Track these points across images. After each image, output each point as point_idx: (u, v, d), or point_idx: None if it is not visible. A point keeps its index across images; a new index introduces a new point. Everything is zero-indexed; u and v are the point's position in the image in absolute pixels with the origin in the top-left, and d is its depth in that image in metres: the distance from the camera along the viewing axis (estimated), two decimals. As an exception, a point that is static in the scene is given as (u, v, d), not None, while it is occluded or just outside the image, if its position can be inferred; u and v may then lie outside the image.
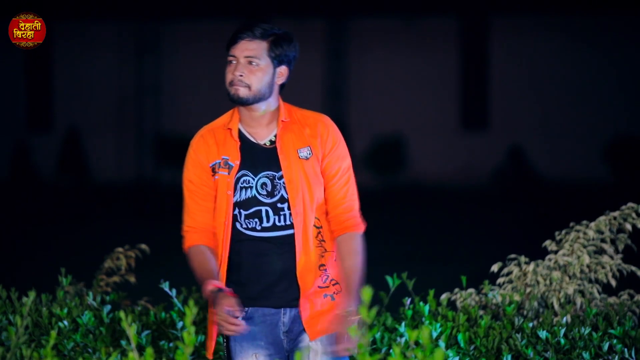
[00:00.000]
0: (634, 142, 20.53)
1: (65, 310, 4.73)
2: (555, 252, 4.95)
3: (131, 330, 3.00)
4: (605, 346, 4.49)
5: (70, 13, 21.25)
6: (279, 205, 3.63)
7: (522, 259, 4.96)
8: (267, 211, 3.63)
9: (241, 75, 3.63)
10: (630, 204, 4.94)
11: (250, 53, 3.63)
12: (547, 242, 4.99)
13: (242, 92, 3.64)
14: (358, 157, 20.44)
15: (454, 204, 17.84)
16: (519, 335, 4.50)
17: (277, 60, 3.63)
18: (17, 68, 21.84)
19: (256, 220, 3.63)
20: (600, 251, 4.95)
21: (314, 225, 3.65)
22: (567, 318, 4.63)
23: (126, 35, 21.55)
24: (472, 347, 4.54)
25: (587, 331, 4.51)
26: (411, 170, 20.15)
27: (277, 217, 3.63)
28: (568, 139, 20.96)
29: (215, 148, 3.70)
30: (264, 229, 3.63)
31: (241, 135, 3.69)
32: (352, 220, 3.68)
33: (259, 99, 3.65)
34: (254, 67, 3.63)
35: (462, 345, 4.53)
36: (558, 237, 4.97)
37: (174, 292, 4.80)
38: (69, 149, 21.38)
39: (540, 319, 4.65)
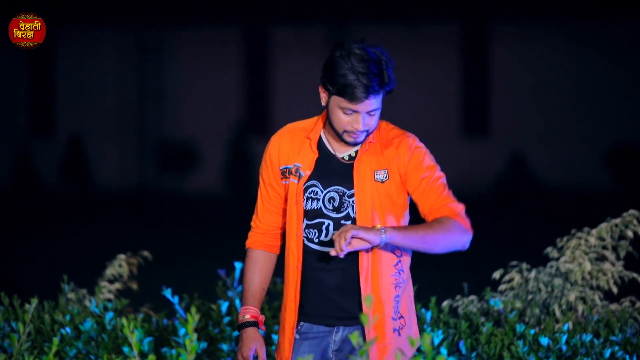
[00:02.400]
0: (636, 149, 20.53)
1: (68, 317, 4.73)
2: (557, 259, 4.96)
3: (133, 337, 3.01)
4: (607, 353, 4.49)
5: (72, 19, 21.27)
6: (342, 222, 3.54)
7: (524, 265, 4.97)
8: (328, 225, 3.55)
9: (368, 127, 3.53)
10: (631, 211, 4.95)
11: (374, 107, 3.51)
12: (549, 249, 4.99)
13: (361, 138, 3.54)
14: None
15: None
16: (520, 342, 4.50)
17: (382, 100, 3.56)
18: (19, 74, 21.86)
19: (315, 231, 3.57)
20: (602, 258, 4.95)
21: (394, 253, 3.55)
22: (569, 325, 4.63)
23: (128, 41, 21.57)
24: (473, 354, 4.55)
25: (588, 338, 4.52)
26: (413, 176, 20.11)
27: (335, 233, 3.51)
28: (570, 145, 20.96)
29: (289, 152, 3.61)
30: (321, 243, 3.56)
31: (320, 144, 3.61)
32: (446, 209, 3.51)
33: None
34: (373, 116, 3.53)
35: (463, 352, 4.54)
36: (559, 244, 4.98)
37: (176, 299, 4.81)
38: (71, 155, 21.39)
39: (542, 326, 4.66)
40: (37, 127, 21.90)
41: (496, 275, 4.98)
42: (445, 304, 4.89)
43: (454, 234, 3.52)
